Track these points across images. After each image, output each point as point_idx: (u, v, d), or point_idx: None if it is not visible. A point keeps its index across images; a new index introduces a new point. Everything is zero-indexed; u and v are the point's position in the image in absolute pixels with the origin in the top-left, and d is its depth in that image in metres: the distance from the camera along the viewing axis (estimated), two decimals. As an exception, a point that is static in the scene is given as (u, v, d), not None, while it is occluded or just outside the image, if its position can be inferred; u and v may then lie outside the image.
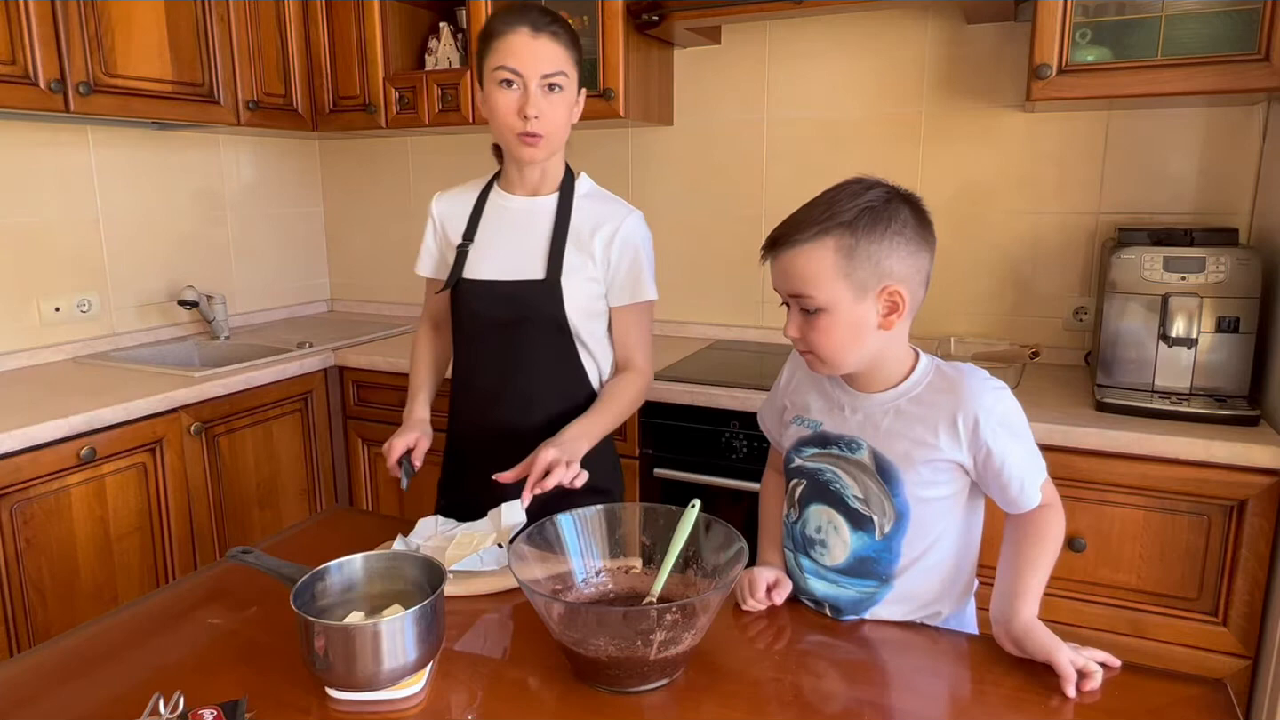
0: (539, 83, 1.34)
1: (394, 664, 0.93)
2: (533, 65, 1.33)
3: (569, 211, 1.44)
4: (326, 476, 2.56)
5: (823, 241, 1.02)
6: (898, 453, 1.09)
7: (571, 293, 1.42)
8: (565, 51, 1.36)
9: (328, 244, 3.31)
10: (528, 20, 1.34)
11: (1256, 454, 1.57)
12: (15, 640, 1.79)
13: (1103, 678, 0.98)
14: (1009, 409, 1.08)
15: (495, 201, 1.50)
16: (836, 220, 1.02)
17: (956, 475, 1.10)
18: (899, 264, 1.03)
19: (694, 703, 0.96)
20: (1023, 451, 1.08)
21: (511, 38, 1.33)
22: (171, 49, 2.30)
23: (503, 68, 1.34)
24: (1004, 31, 2.19)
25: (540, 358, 1.44)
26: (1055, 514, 1.10)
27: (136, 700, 0.91)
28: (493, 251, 1.47)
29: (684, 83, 2.58)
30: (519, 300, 1.43)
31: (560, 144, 1.42)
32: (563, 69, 1.35)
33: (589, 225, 1.43)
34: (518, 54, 1.33)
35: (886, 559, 1.12)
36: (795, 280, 1.05)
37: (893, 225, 1.03)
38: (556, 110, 1.37)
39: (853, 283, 1.03)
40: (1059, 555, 1.09)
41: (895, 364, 1.11)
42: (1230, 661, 1.67)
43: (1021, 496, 1.08)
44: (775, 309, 2.54)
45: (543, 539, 1.11)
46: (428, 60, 2.68)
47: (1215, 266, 1.73)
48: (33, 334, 2.36)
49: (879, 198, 1.04)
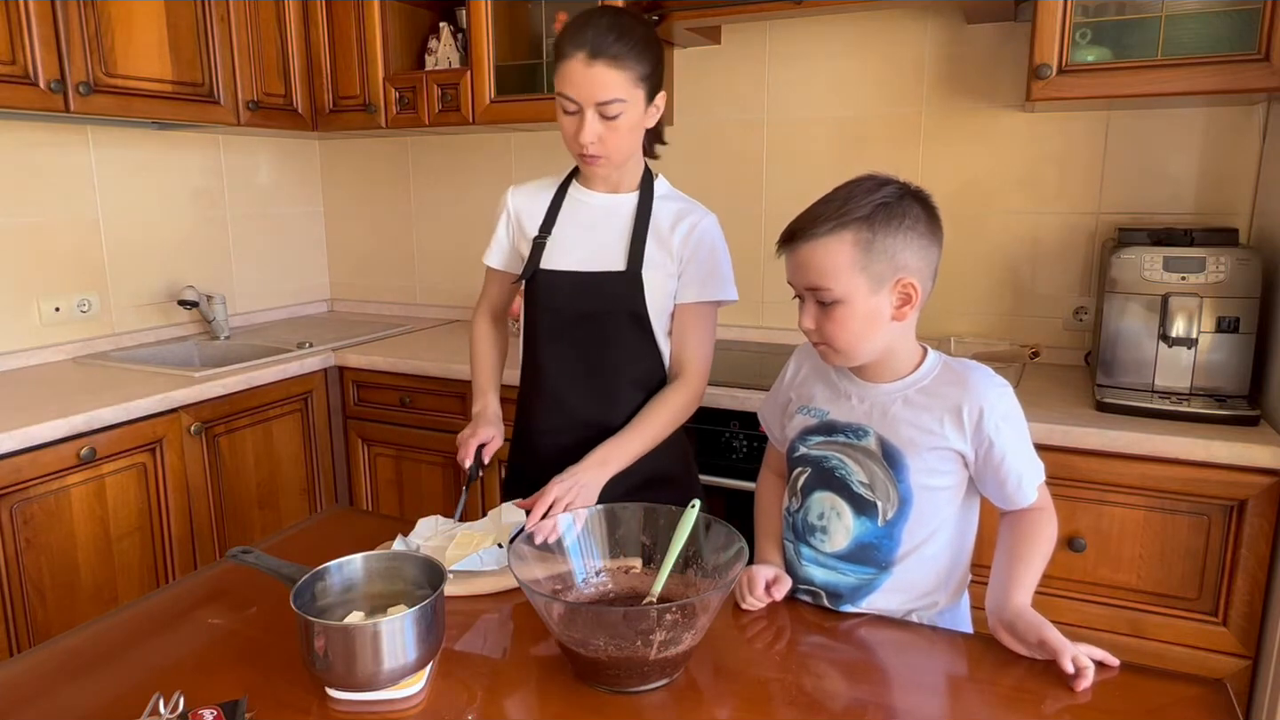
0: (594, 109, 1.32)
1: (394, 664, 0.93)
2: (588, 93, 1.31)
3: (649, 207, 1.44)
4: (326, 476, 2.56)
5: (840, 235, 1.06)
6: (904, 439, 1.12)
7: (651, 285, 1.42)
8: (623, 75, 1.31)
9: (328, 244, 3.31)
10: (586, 44, 1.29)
11: (1256, 454, 1.57)
12: (15, 640, 1.79)
13: (1101, 677, 0.98)
14: (1011, 406, 1.12)
15: (574, 196, 1.49)
16: (853, 215, 1.05)
17: (958, 466, 1.13)
18: (913, 257, 1.07)
19: (694, 703, 0.96)
20: (1022, 449, 1.12)
21: (569, 64, 1.31)
22: (171, 49, 2.30)
23: (562, 94, 1.33)
24: (1004, 31, 2.19)
25: (619, 349, 1.44)
26: (1048, 517, 1.13)
27: (136, 700, 0.91)
28: (572, 244, 1.46)
29: (684, 83, 2.57)
30: (599, 291, 1.43)
31: (627, 157, 1.40)
32: (618, 95, 1.31)
33: (669, 221, 1.43)
34: (574, 82, 1.31)
35: (887, 545, 1.14)
36: (813, 273, 1.08)
37: (906, 220, 1.06)
38: (616, 135, 1.34)
39: (869, 275, 1.06)
40: (1056, 556, 1.12)
41: (904, 356, 1.15)
42: (1230, 661, 1.67)
43: (1018, 493, 1.12)
44: (775, 309, 2.54)
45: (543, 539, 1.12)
46: (428, 60, 2.67)
47: (1215, 266, 1.73)
48: (33, 334, 2.36)
49: (893, 194, 1.07)
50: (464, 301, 3.03)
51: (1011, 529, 1.14)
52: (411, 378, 2.42)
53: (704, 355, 1.47)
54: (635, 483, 1.41)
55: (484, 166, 2.93)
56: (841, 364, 1.16)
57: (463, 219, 3.02)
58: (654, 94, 1.38)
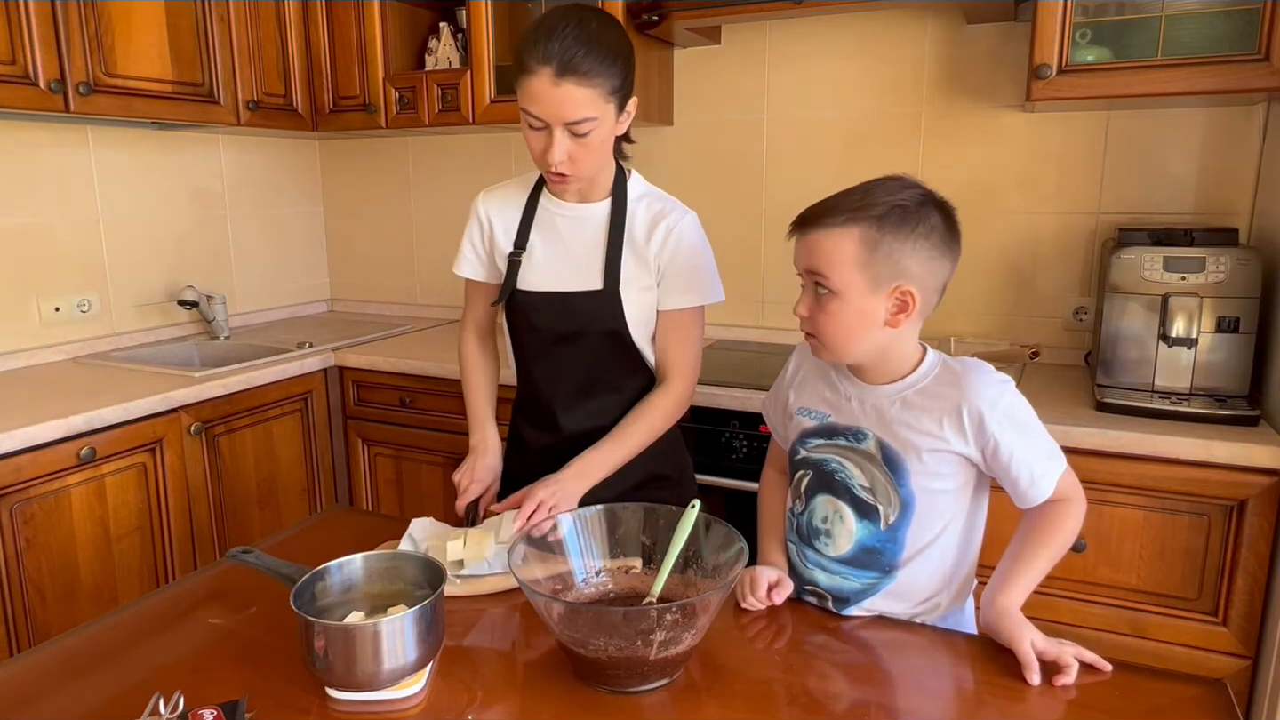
0: (563, 128, 1.25)
1: (394, 664, 0.93)
2: (555, 113, 1.23)
3: (623, 217, 1.38)
4: (326, 476, 2.56)
5: (849, 230, 1.05)
6: (903, 441, 1.10)
7: (630, 301, 1.38)
8: (594, 92, 1.23)
9: (328, 244, 3.31)
10: (553, 59, 1.20)
11: (1256, 454, 1.57)
12: (15, 640, 1.79)
13: (1096, 680, 0.98)
14: (1014, 403, 1.09)
15: (546, 207, 1.44)
16: (867, 213, 1.04)
17: (961, 468, 1.11)
18: (917, 266, 1.05)
19: (694, 703, 0.96)
20: (1029, 445, 1.08)
21: (535, 80, 1.22)
22: (171, 49, 2.30)
23: (526, 111, 1.26)
24: (1004, 31, 2.19)
25: (604, 366, 1.42)
26: (1068, 509, 1.09)
27: (136, 700, 0.91)
28: (547, 261, 1.42)
29: (684, 83, 2.58)
30: (576, 311, 1.39)
31: (597, 170, 1.35)
32: (588, 114, 1.24)
33: (644, 228, 1.38)
34: (540, 100, 1.23)
35: (891, 549, 1.13)
36: (816, 259, 1.07)
37: (919, 228, 1.04)
38: (587, 151, 1.28)
39: (868, 275, 1.05)
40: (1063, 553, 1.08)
41: (902, 359, 1.13)
42: (1230, 661, 1.67)
43: (1032, 490, 1.08)
44: (775, 309, 2.54)
45: (543, 539, 1.12)
46: (428, 60, 2.68)
47: (1215, 266, 1.73)
48: (33, 334, 2.36)
49: (913, 199, 1.06)
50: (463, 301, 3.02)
51: (1026, 522, 1.11)
52: (411, 378, 2.42)
53: (689, 359, 1.43)
54: (631, 484, 1.41)
55: (484, 166, 2.93)
56: (830, 359, 1.15)
57: (463, 219, 2.95)
58: (625, 102, 1.31)
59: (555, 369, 1.44)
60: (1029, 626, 1.02)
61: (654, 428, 1.41)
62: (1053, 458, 1.10)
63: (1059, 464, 1.10)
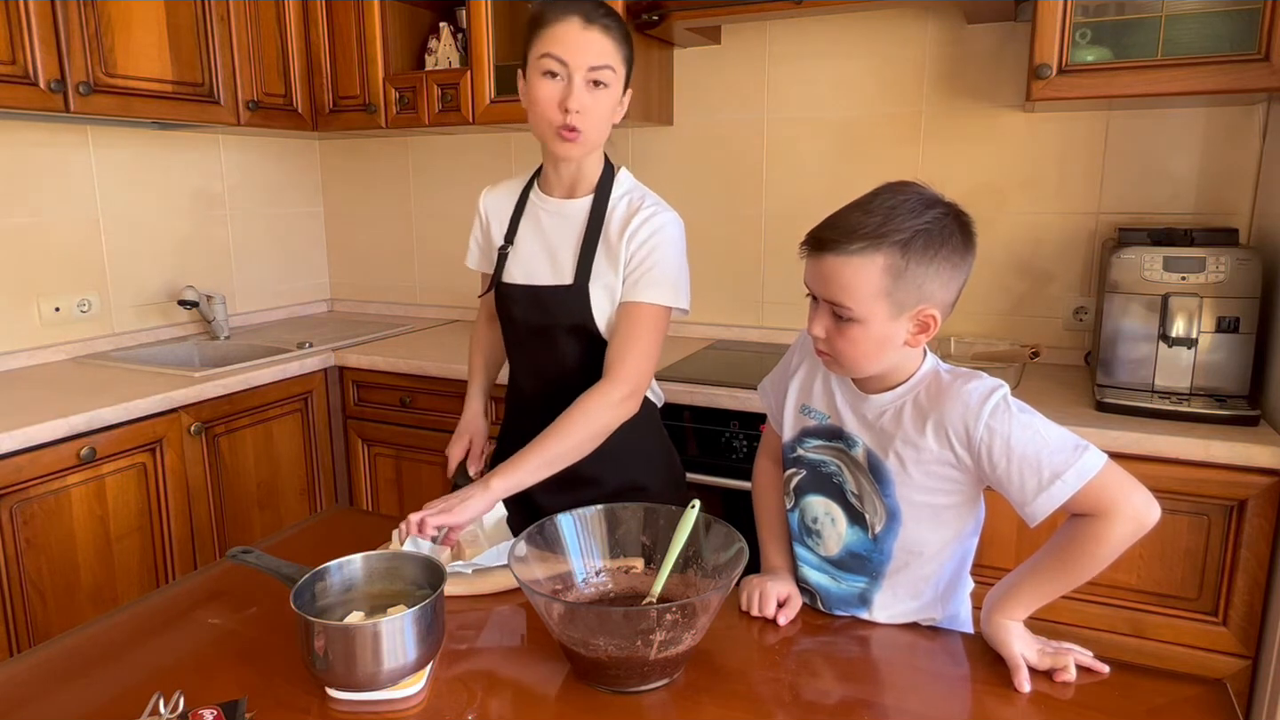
0: (584, 75, 1.28)
1: (394, 664, 0.93)
2: (580, 56, 1.27)
3: (602, 215, 1.39)
4: (326, 476, 2.56)
5: (872, 258, 0.99)
6: (889, 453, 1.08)
7: (598, 299, 1.38)
8: (615, 46, 1.31)
9: (328, 244, 3.31)
10: (580, 10, 1.28)
11: (1256, 454, 1.57)
12: (15, 640, 1.79)
13: (1094, 680, 0.98)
14: (1004, 418, 1.00)
15: (534, 203, 1.47)
16: (890, 239, 0.99)
17: (953, 483, 1.07)
18: (940, 289, 1.02)
19: (694, 703, 0.96)
20: (1030, 455, 0.99)
21: (561, 26, 1.28)
22: (171, 49, 2.30)
23: (549, 55, 1.28)
24: (1004, 31, 2.19)
25: (572, 362, 1.42)
26: (1101, 530, 0.96)
27: (136, 700, 0.91)
28: (528, 256, 1.45)
29: (684, 83, 2.58)
30: (546, 306, 1.41)
31: (599, 143, 1.38)
32: (610, 63, 1.30)
33: (619, 224, 1.38)
34: (566, 43, 1.27)
35: (877, 559, 1.12)
36: (835, 288, 1.02)
37: (942, 251, 1.01)
38: (600, 106, 1.31)
39: (892, 302, 1.01)
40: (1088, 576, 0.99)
41: (902, 370, 1.10)
42: (1230, 661, 1.67)
43: (1035, 505, 0.99)
44: (775, 309, 2.54)
45: (543, 539, 1.11)
46: (428, 60, 2.67)
47: (1215, 266, 1.73)
48: (33, 334, 2.36)
49: (936, 220, 1.01)
50: (464, 301, 3.03)
51: (1054, 535, 1.03)
52: (411, 378, 2.42)
53: (634, 357, 1.33)
54: (608, 492, 1.39)
55: (484, 166, 2.93)
56: (841, 374, 1.13)
57: (463, 219, 2.98)
58: (628, 84, 1.37)
59: (532, 361, 1.48)
60: (1024, 640, 1.00)
61: (587, 428, 1.29)
62: (1058, 469, 0.97)
63: (1074, 474, 0.97)
